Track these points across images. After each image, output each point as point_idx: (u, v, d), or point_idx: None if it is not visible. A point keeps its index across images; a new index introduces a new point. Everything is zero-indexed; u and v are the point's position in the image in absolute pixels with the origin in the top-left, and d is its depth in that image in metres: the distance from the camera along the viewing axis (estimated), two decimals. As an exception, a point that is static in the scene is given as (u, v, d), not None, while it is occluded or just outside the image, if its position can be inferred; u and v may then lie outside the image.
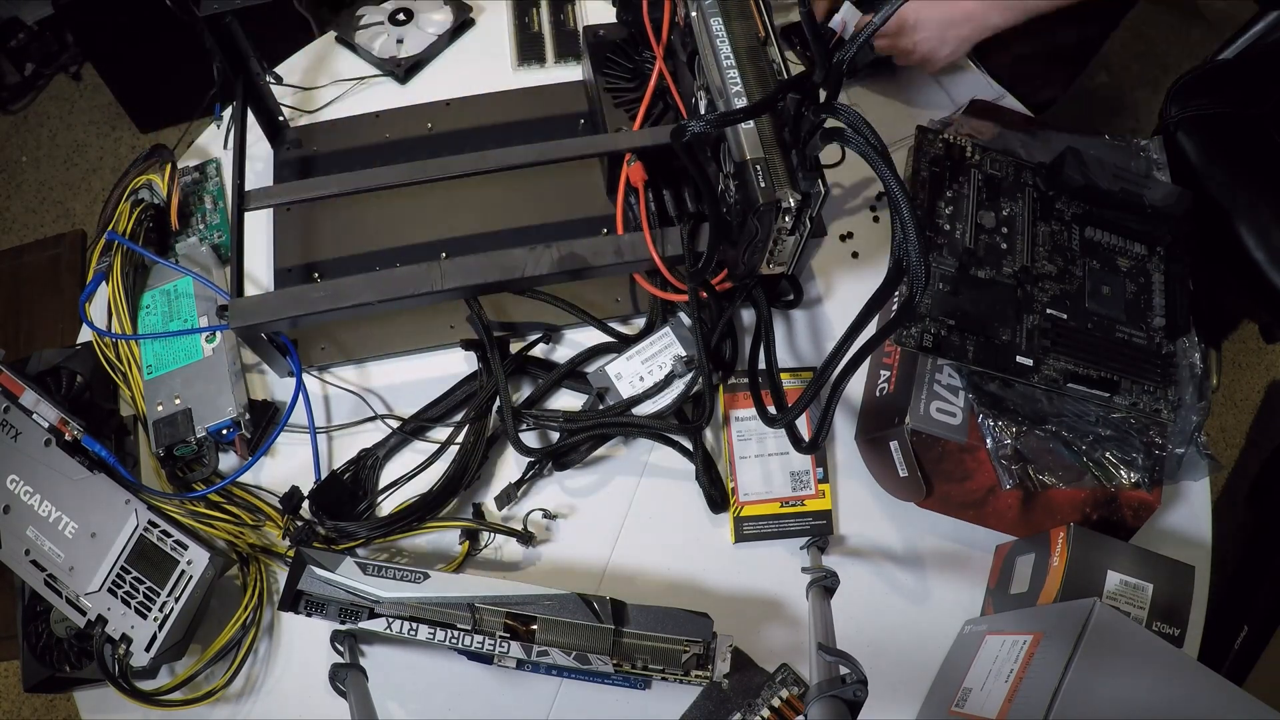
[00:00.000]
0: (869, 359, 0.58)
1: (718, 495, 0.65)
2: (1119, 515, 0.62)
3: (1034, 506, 0.61)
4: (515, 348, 0.70)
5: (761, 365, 0.65)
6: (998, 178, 0.68)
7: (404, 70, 0.83)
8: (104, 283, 0.68)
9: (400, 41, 0.84)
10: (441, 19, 0.86)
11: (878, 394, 0.67)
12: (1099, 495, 0.61)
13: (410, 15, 0.86)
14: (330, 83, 0.82)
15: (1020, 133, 0.73)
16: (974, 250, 0.65)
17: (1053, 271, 0.65)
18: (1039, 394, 0.62)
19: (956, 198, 0.67)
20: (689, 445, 0.66)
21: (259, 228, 0.74)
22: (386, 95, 0.82)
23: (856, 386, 0.70)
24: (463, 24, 0.86)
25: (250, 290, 0.73)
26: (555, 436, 0.67)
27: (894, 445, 0.62)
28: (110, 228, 0.69)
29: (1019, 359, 0.61)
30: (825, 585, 0.55)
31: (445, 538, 0.65)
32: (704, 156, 0.63)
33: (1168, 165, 0.73)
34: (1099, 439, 0.61)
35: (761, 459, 0.67)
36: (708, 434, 0.67)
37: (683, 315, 0.68)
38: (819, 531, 0.65)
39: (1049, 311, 0.63)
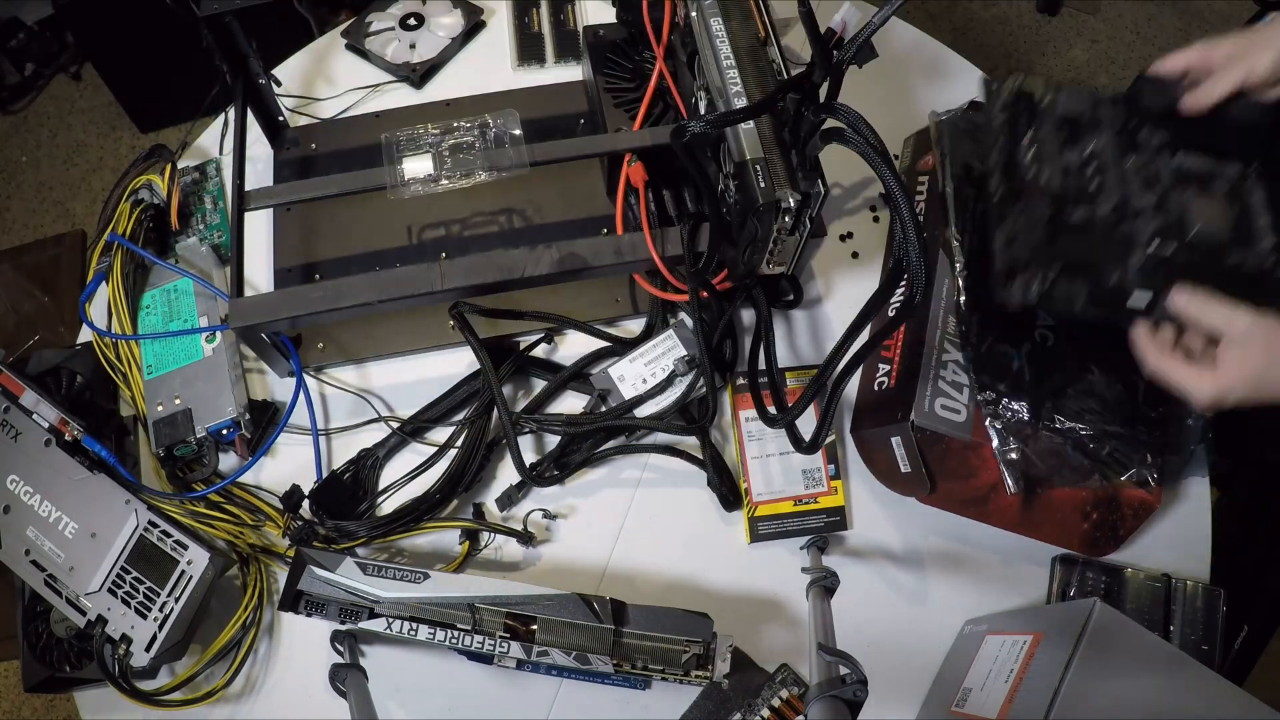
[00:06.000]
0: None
1: (730, 494, 0.65)
2: (1119, 515, 0.62)
3: (1035, 504, 0.61)
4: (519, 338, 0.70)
5: (762, 365, 0.65)
6: (1076, 114, 0.63)
7: (419, 75, 0.82)
8: (104, 283, 0.68)
9: (413, 46, 0.84)
10: (452, 22, 0.86)
11: (876, 388, 0.67)
12: (1099, 495, 0.61)
13: (421, 20, 0.86)
14: (343, 91, 0.82)
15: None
16: (1064, 194, 0.59)
17: (1150, 203, 0.59)
18: (1043, 393, 0.62)
19: (1036, 140, 0.61)
20: (700, 455, 0.66)
21: (259, 228, 0.74)
22: (402, 101, 0.82)
23: (852, 380, 0.70)
24: (474, 26, 0.86)
25: (250, 290, 0.73)
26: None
27: (896, 441, 0.61)
28: (110, 228, 0.69)
29: (1131, 302, 0.55)
30: (825, 585, 0.55)
31: (445, 538, 0.65)
32: (704, 156, 0.63)
33: None
34: (1102, 437, 0.61)
35: (773, 458, 0.67)
36: (715, 434, 0.67)
37: (685, 317, 0.68)
38: (833, 528, 0.65)
39: (1154, 247, 0.57)
